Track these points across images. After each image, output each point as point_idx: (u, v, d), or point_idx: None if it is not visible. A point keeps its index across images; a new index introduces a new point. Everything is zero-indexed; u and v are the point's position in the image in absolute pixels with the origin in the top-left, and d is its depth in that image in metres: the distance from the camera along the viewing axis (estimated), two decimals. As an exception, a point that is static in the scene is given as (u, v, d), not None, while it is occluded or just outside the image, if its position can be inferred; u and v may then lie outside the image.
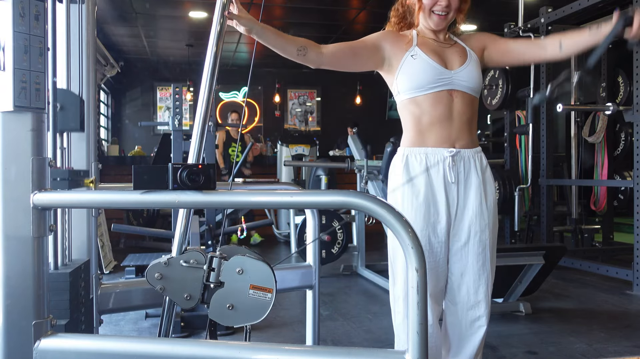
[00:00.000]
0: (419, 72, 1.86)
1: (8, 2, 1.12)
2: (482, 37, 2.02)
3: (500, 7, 6.43)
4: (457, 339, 1.97)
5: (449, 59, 1.91)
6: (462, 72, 1.89)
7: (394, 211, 1.05)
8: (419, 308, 1.02)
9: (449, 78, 1.87)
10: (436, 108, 1.87)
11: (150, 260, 2.97)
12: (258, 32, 1.75)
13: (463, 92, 1.89)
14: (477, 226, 1.90)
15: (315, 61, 1.86)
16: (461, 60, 1.92)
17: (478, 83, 1.93)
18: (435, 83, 1.86)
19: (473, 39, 2.02)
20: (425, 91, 1.87)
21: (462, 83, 1.89)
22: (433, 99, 1.87)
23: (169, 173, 1.14)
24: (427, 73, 1.86)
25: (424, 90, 1.87)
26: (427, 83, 1.86)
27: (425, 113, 1.88)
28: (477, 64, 1.94)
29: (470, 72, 1.91)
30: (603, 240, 5.68)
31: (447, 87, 1.87)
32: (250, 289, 1.27)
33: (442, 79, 1.87)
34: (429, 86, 1.86)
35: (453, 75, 1.88)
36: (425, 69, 1.86)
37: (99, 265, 3.88)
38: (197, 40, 8.62)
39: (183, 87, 4.07)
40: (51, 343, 1.15)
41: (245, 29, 1.72)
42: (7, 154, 1.14)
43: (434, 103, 1.87)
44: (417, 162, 1.88)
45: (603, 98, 5.48)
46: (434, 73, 1.86)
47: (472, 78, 1.91)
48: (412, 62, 1.88)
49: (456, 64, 1.91)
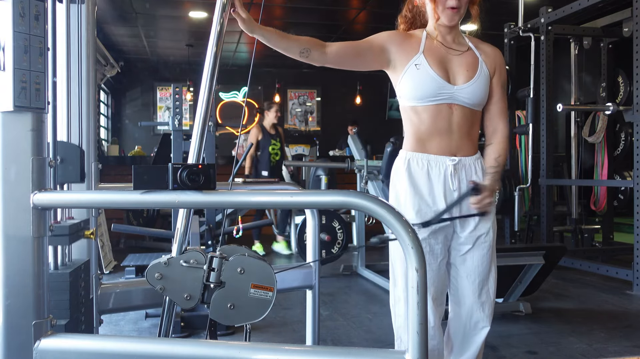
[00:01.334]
0: (421, 83, 1.83)
1: (8, 2, 1.12)
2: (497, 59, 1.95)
3: (500, 7, 6.43)
4: (460, 340, 1.97)
5: (455, 71, 1.87)
6: (466, 88, 1.85)
7: (394, 211, 1.05)
8: (419, 308, 1.02)
9: (451, 93, 1.84)
10: (435, 120, 1.85)
11: (150, 260, 2.97)
12: (259, 34, 1.73)
13: (463, 106, 1.87)
14: (483, 228, 1.89)
15: (319, 60, 1.84)
16: (468, 74, 1.87)
17: (482, 98, 1.89)
18: (436, 97, 1.84)
19: (490, 52, 1.95)
20: (426, 102, 1.85)
21: (464, 99, 1.86)
22: (432, 111, 1.85)
23: (169, 173, 1.14)
24: (428, 86, 1.83)
25: (424, 101, 1.85)
26: (427, 95, 1.84)
27: (424, 123, 1.86)
28: (486, 79, 1.89)
29: (476, 89, 1.86)
30: (603, 240, 5.68)
31: (448, 100, 1.85)
32: (252, 288, 1.27)
33: (442, 93, 1.84)
34: (429, 98, 1.84)
35: (455, 90, 1.84)
36: (426, 82, 1.83)
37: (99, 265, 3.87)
38: (197, 40, 8.62)
39: (183, 87, 4.07)
40: (51, 343, 1.15)
41: (247, 27, 1.71)
42: (7, 154, 1.14)
43: (433, 115, 1.85)
44: (419, 167, 1.87)
45: (603, 98, 5.48)
46: (435, 87, 1.83)
47: (476, 95, 1.87)
48: (415, 72, 1.84)
49: (461, 79, 1.86)
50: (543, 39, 5.23)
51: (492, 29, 5.79)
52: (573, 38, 5.55)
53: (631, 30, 4.39)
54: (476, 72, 1.88)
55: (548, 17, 5.17)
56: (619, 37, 5.33)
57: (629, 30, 4.81)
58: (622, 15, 5.13)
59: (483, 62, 1.91)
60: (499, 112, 1.96)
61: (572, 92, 5.56)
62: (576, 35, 5.51)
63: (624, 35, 5.04)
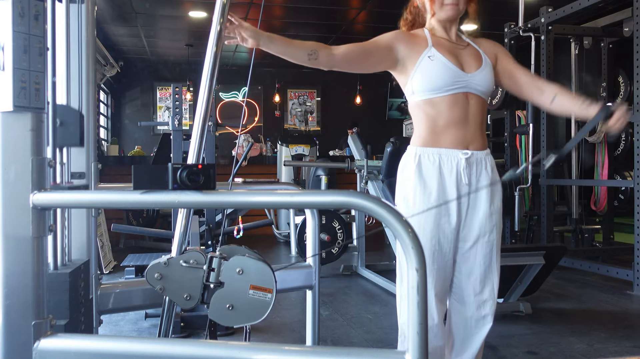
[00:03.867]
0: (437, 73, 1.84)
1: (8, 2, 1.11)
2: (496, 48, 2.01)
3: (500, 7, 6.43)
4: (461, 338, 1.97)
5: (465, 61, 1.90)
6: (478, 75, 1.88)
7: (394, 211, 1.04)
8: (419, 308, 1.02)
9: (466, 81, 1.86)
10: (453, 110, 1.86)
11: (150, 260, 2.97)
12: (265, 42, 1.72)
13: (478, 95, 1.89)
14: (486, 227, 1.90)
15: (327, 64, 1.82)
16: (476, 64, 1.90)
17: (491, 87, 1.93)
18: (453, 85, 1.85)
19: (487, 45, 2.00)
20: (443, 93, 1.85)
21: (478, 87, 1.88)
22: (450, 101, 1.85)
23: (169, 173, 1.14)
24: (444, 75, 1.84)
25: (441, 92, 1.85)
26: (444, 85, 1.84)
27: (442, 114, 1.86)
28: (491, 69, 1.93)
29: (485, 76, 1.89)
30: (603, 240, 5.68)
31: (464, 89, 1.86)
32: (251, 289, 1.26)
33: (459, 81, 1.85)
34: (446, 88, 1.84)
35: (470, 78, 1.87)
36: (442, 71, 1.84)
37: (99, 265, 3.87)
38: (197, 40, 8.62)
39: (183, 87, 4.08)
40: (51, 343, 1.15)
41: (252, 41, 1.70)
42: (7, 154, 1.14)
43: (450, 105, 1.85)
44: (430, 162, 1.86)
45: (603, 98, 5.48)
46: (452, 75, 1.84)
47: (487, 82, 1.90)
48: (430, 63, 1.85)
49: (472, 67, 1.89)
50: (543, 38, 5.23)
51: (492, 28, 5.81)
52: (573, 38, 5.55)
53: (631, 30, 4.39)
54: (482, 62, 1.92)
55: (548, 17, 5.17)
56: (619, 37, 5.33)
57: (629, 30, 4.81)
58: (622, 15, 5.13)
59: (485, 55, 1.95)
60: (532, 77, 2.01)
61: (573, 92, 5.55)
62: (576, 35, 5.51)
63: (624, 35, 5.04)
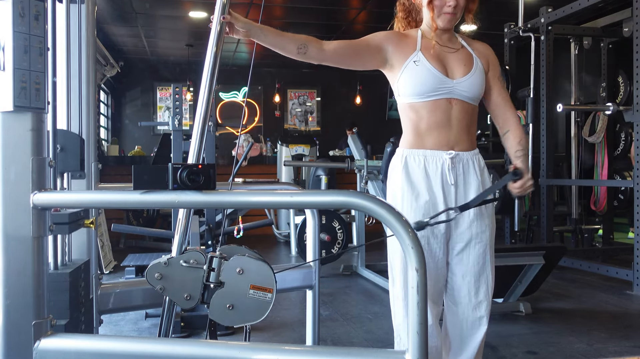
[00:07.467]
0: (420, 79, 1.85)
1: (8, 2, 1.12)
2: (489, 53, 1.99)
3: (500, 7, 6.43)
4: (458, 340, 1.97)
5: (452, 66, 1.89)
6: (464, 82, 1.88)
7: (394, 211, 1.05)
8: (419, 308, 1.02)
9: (450, 87, 1.86)
10: (434, 114, 1.86)
11: (150, 260, 2.97)
12: (256, 33, 1.74)
13: (463, 100, 1.89)
14: (478, 227, 1.90)
15: (316, 58, 1.85)
16: (465, 69, 1.90)
17: (479, 92, 1.92)
18: (436, 92, 1.85)
19: (482, 48, 1.99)
20: (425, 98, 1.86)
21: (463, 93, 1.88)
22: (432, 106, 1.86)
23: (169, 173, 1.14)
24: (427, 82, 1.85)
25: (423, 97, 1.86)
26: (427, 91, 1.85)
27: (423, 119, 1.88)
28: (481, 73, 1.92)
29: (473, 82, 1.89)
30: (603, 240, 5.68)
31: (447, 95, 1.86)
32: (251, 289, 1.27)
33: (442, 88, 1.85)
34: (428, 94, 1.85)
35: (454, 84, 1.87)
36: (426, 77, 1.85)
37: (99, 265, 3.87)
38: (197, 40, 8.62)
39: (183, 87, 4.07)
40: (51, 343, 1.15)
41: (243, 31, 1.71)
42: (7, 154, 1.14)
43: (432, 110, 1.86)
44: (416, 164, 1.88)
45: (603, 98, 5.48)
46: (435, 82, 1.85)
47: (474, 88, 1.89)
48: (414, 69, 1.86)
49: (459, 73, 1.89)
50: (543, 39, 5.23)
51: (492, 29, 5.80)
52: (573, 38, 5.55)
53: (631, 30, 4.39)
54: (472, 67, 1.91)
55: (548, 17, 5.17)
56: (619, 37, 5.33)
57: (629, 30, 4.81)
58: (622, 15, 5.13)
59: (477, 58, 1.94)
60: (504, 102, 1.99)
61: (572, 92, 5.56)
62: (576, 35, 5.51)
63: (624, 35, 5.04)
